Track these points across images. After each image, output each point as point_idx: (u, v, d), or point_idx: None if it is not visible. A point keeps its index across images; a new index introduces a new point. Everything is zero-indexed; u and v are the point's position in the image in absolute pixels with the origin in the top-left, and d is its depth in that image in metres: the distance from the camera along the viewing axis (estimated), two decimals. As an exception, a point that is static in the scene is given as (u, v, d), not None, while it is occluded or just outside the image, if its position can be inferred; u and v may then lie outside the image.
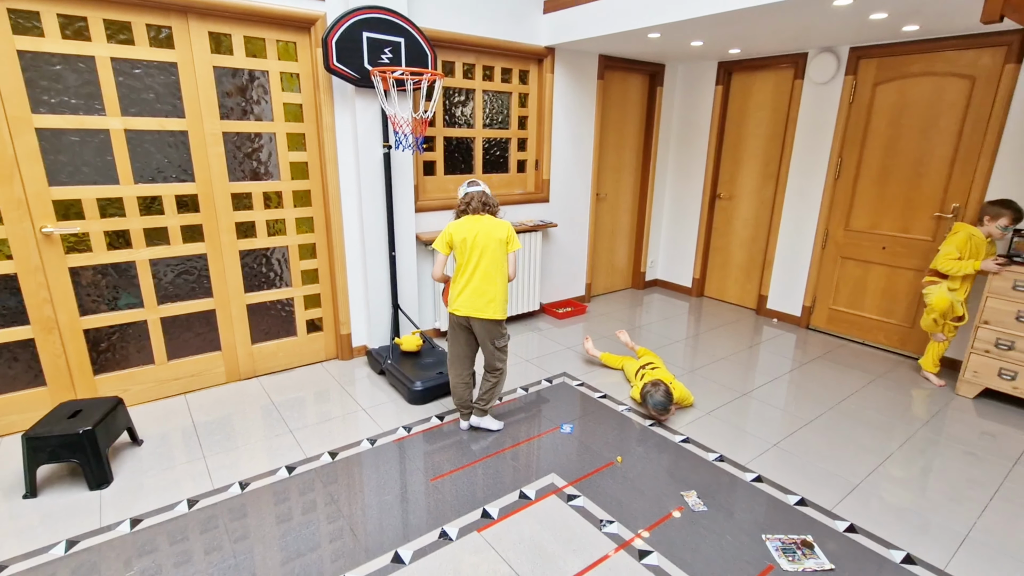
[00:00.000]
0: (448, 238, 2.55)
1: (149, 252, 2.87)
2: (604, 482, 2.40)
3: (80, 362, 2.79)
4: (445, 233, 2.57)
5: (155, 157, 2.81)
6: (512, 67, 4.08)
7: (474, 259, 2.51)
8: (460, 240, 2.52)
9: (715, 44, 3.92)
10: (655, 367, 3.17)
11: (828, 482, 2.44)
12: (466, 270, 2.54)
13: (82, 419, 2.31)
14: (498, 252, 2.53)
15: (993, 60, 3.26)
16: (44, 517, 2.12)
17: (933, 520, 2.21)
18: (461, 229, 2.53)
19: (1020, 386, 3.05)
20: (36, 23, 2.40)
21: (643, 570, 1.91)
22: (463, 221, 2.57)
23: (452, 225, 2.58)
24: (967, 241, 3.15)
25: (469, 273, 2.53)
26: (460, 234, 2.52)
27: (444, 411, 3.00)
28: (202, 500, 2.24)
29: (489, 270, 2.52)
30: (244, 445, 2.64)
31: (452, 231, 2.55)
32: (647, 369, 3.15)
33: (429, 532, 2.08)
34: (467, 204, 2.60)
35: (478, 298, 2.53)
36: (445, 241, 2.55)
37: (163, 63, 2.73)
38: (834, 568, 1.93)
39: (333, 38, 2.91)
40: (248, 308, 3.26)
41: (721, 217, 5.00)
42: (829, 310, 4.29)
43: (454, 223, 2.59)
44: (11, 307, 2.58)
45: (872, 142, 3.85)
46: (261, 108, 3.06)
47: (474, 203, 2.58)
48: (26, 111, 2.43)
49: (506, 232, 2.56)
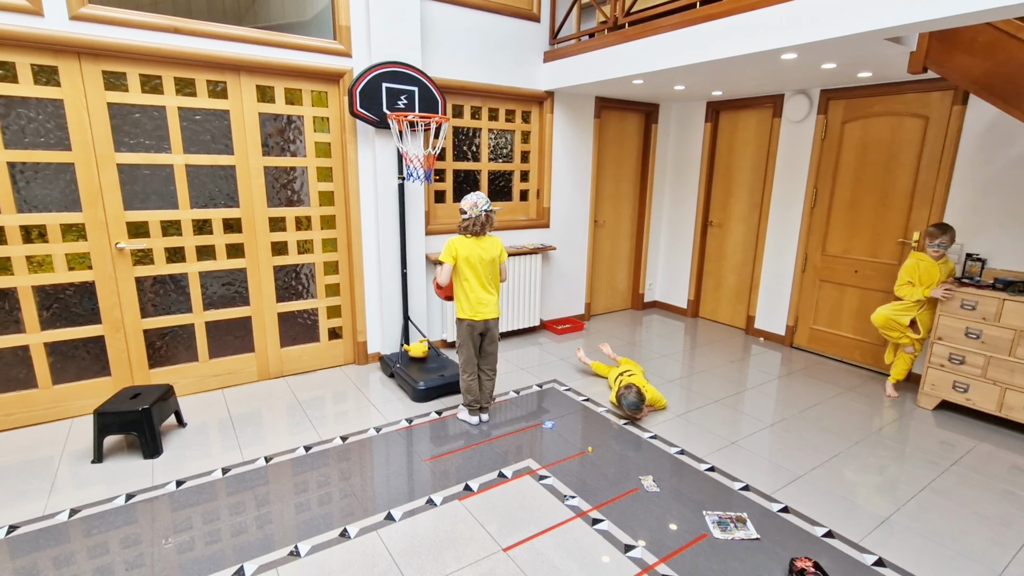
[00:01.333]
0: (455, 252, 2.95)
1: (199, 266, 3.42)
2: (573, 467, 2.76)
3: (139, 357, 3.33)
4: (452, 248, 2.95)
5: (208, 187, 3.38)
6: (515, 108, 4.60)
7: (478, 273, 2.97)
8: (464, 258, 2.95)
9: (697, 87, 4.37)
10: (632, 374, 3.53)
11: (774, 473, 2.74)
12: (472, 283, 2.99)
13: (141, 400, 2.81)
14: (494, 266, 3.04)
15: (942, 102, 3.61)
16: (108, 477, 2.61)
17: (861, 505, 2.49)
18: (464, 248, 2.94)
19: (972, 398, 3.29)
20: (123, 81, 3.02)
21: (594, 533, 2.26)
22: (465, 242, 2.95)
23: (457, 242, 2.95)
24: (916, 266, 3.45)
25: (474, 285, 2.99)
26: (464, 252, 2.94)
27: (443, 408, 3.41)
28: (234, 469, 2.69)
29: (489, 282, 3.03)
30: (270, 430, 3.10)
31: (459, 249, 2.94)
32: (624, 376, 3.51)
33: (418, 499, 2.48)
34: (471, 223, 2.93)
35: (489, 303, 3.03)
36: (452, 255, 2.95)
37: (218, 110, 3.32)
38: (759, 538, 2.25)
39: (358, 88, 3.47)
40: (279, 316, 3.77)
41: (713, 243, 5.36)
42: (810, 329, 4.57)
43: (458, 240, 2.96)
44: (88, 309, 3.14)
45: (843, 174, 4.20)
46: (296, 146, 3.63)
47: (476, 227, 2.94)
48: (110, 150, 3.03)
49: (499, 250, 3.04)
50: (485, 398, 3.23)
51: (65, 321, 3.09)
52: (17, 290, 2.93)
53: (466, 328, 3.06)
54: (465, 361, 3.13)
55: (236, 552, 2.11)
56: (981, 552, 2.21)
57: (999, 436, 3.18)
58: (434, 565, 2.07)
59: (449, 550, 2.15)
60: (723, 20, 3.05)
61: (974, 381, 3.27)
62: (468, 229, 2.96)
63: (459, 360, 3.17)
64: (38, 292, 2.99)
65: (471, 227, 2.95)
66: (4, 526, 2.24)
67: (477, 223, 2.95)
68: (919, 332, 3.53)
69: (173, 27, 3.02)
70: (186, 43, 3.08)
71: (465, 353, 3.12)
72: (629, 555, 2.13)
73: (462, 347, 3.11)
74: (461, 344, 3.11)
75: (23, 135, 2.83)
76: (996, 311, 3.14)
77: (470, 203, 2.94)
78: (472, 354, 3.12)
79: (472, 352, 3.11)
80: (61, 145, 2.92)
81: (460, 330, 3.09)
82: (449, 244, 2.97)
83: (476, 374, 3.17)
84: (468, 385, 3.16)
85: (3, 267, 2.88)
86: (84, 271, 3.09)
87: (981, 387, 3.25)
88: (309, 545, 2.15)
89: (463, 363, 3.15)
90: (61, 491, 2.48)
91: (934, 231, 3.40)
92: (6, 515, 2.31)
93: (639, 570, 2.06)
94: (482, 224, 2.95)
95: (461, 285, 3.02)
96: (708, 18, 3.12)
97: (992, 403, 3.21)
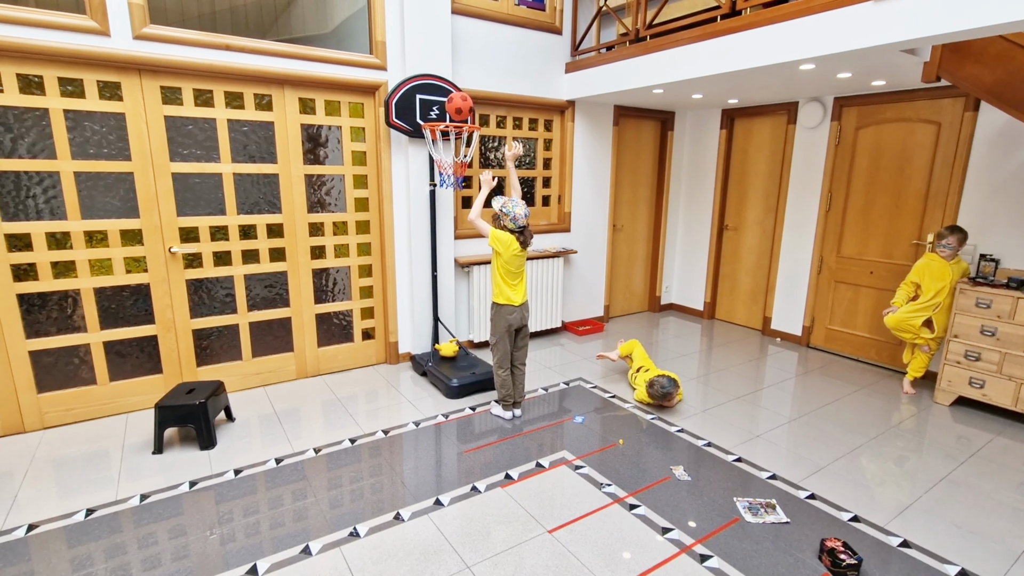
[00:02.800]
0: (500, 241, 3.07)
1: (244, 269, 3.60)
2: (607, 458, 2.90)
3: (188, 356, 3.50)
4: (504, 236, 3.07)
5: (252, 194, 3.56)
6: (538, 117, 4.78)
7: (512, 263, 3.12)
8: (506, 244, 3.07)
9: (714, 96, 4.53)
10: (647, 369, 3.67)
11: (799, 464, 2.87)
12: (514, 277, 3.16)
13: (197, 394, 2.98)
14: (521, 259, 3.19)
15: (954, 109, 3.75)
16: (170, 467, 2.77)
17: (883, 493, 2.62)
18: (512, 245, 3.09)
19: (988, 393, 3.41)
20: (179, 95, 3.21)
21: (632, 518, 2.40)
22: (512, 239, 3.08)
23: (504, 237, 3.07)
24: (927, 266, 3.60)
25: (510, 271, 3.14)
26: (511, 249, 3.09)
27: (476, 404, 3.56)
28: (286, 459, 2.85)
29: (523, 274, 3.22)
30: (314, 424, 3.26)
31: (508, 242, 3.07)
32: (641, 372, 3.66)
33: (462, 486, 2.62)
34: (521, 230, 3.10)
35: (523, 292, 3.20)
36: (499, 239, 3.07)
37: (263, 122, 3.51)
38: (789, 521, 2.38)
39: (393, 100, 3.65)
40: (316, 317, 3.94)
41: (728, 246, 5.50)
42: (826, 329, 4.69)
43: (504, 235, 3.08)
44: (143, 310, 3.32)
45: (857, 179, 4.34)
46: (334, 155, 3.81)
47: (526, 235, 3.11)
48: (166, 160, 3.22)
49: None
50: (519, 392, 3.37)
51: (122, 321, 3.27)
52: (80, 292, 3.12)
53: (504, 321, 3.17)
54: (502, 357, 3.26)
55: (299, 533, 2.26)
56: (1000, 535, 2.33)
57: (1015, 430, 3.30)
58: (485, 544, 2.21)
59: (497, 532, 2.29)
60: (743, 33, 3.21)
61: (990, 377, 3.39)
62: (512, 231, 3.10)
63: (494, 356, 3.29)
64: (98, 293, 3.17)
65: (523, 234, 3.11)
66: (82, 510, 2.40)
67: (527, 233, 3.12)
68: (934, 331, 3.65)
69: (225, 44, 3.22)
70: (236, 59, 3.27)
71: (502, 349, 3.24)
72: (667, 536, 2.27)
73: (499, 343, 3.23)
74: (498, 340, 3.23)
75: (88, 146, 3.02)
76: (1011, 309, 3.26)
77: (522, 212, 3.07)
78: (508, 349, 3.25)
79: (508, 347, 3.25)
80: (122, 156, 3.11)
81: (498, 322, 3.19)
82: (502, 233, 3.09)
83: (510, 369, 3.31)
84: (503, 380, 3.30)
85: (68, 269, 3.07)
86: (140, 274, 3.27)
87: (997, 383, 3.36)
88: (367, 527, 2.30)
89: (499, 359, 3.27)
90: (128, 479, 2.65)
91: (943, 232, 3.54)
92: (82, 500, 2.47)
93: (678, 550, 2.19)
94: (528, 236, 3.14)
95: (498, 270, 3.15)
96: (728, 31, 3.29)
97: (1008, 398, 3.33)
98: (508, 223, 3.08)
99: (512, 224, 3.08)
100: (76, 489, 2.56)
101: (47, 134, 2.91)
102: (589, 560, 2.13)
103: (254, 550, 2.16)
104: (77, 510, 2.40)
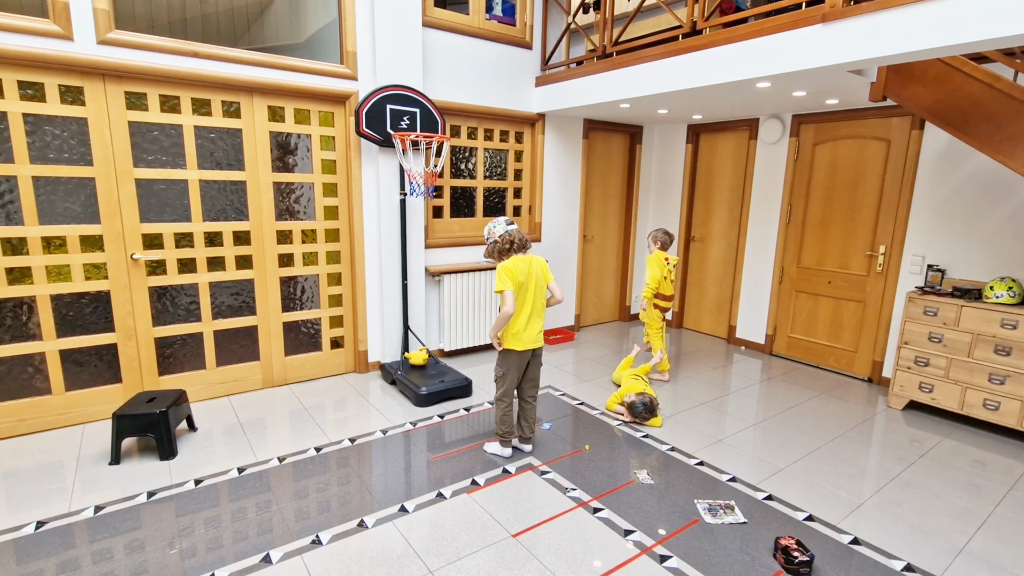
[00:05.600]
0: (512, 277, 2.71)
1: (209, 276, 3.55)
2: (572, 463, 2.94)
3: (149, 365, 3.43)
4: (507, 272, 2.71)
5: (219, 201, 3.53)
6: (509, 129, 4.86)
7: (530, 299, 2.79)
8: (519, 284, 2.74)
9: (679, 111, 4.68)
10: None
11: (759, 466, 2.96)
12: (525, 309, 2.78)
13: (158, 403, 2.92)
14: (543, 289, 2.86)
15: (902, 127, 3.96)
16: (127, 478, 2.70)
17: (837, 494, 2.71)
18: (519, 271, 2.73)
19: (937, 397, 3.56)
20: (144, 101, 3.18)
21: (595, 520, 2.44)
22: (517, 262, 2.75)
23: (510, 265, 2.72)
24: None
25: (528, 312, 2.79)
26: (520, 276, 2.74)
27: (445, 412, 3.56)
28: (249, 468, 2.81)
29: (540, 306, 2.85)
30: (280, 433, 3.21)
31: (514, 273, 2.71)
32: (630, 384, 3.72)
33: (429, 492, 2.62)
34: (511, 243, 2.78)
35: (536, 331, 2.85)
36: (510, 280, 2.70)
37: (232, 129, 3.49)
38: (747, 521, 2.45)
39: (363, 110, 3.68)
40: (284, 326, 3.90)
41: (695, 257, 5.64)
42: (788, 338, 4.84)
43: (511, 264, 2.73)
44: (102, 317, 3.25)
45: (814, 192, 4.53)
46: (304, 163, 3.81)
47: (517, 242, 2.79)
48: (129, 166, 3.18)
49: (545, 269, 2.88)
50: (529, 426, 3.04)
51: (80, 329, 3.19)
52: (36, 299, 3.03)
53: (516, 357, 2.87)
54: (507, 389, 2.92)
55: (260, 542, 2.23)
56: (946, 532, 2.44)
57: (961, 432, 3.45)
58: (449, 549, 2.22)
59: (461, 537, 2.30)
60: (703, 52, 3.34)
61: (938, 382, 3.55)
62: (510, 250, 2.79)
63: (497, 388, 2.94)
64: (55, 300, 3.09)
65: (514, 243, 2.79)
66: (32, 522, 2.32)
67: (518, 239, 2.80)
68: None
69: (192, 51, 3.21)
70: (204, 66, 3.26)
71: (508, 381, 2.90)
72: (629, 539, 2.31)
73: (506, 375, 2.89)
74: (505, 372, 2.89)
75: (48, 151, 2.97)
76: (955, 316, 3.43)
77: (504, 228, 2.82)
78: (515, 382, 2.93)
79: (515, 380, 2.92)
80: (83, 161, 3.06)
81: (508, 358, 2.87)
82: (502, 270, 2.73)
83: (512, 403, 2.98)
84: (504, 414, 2.93)
85: (24, 276, 2.99)
86: (100, 280, 3.20)
87: (945, 387, 3.52)
88: (330, 535, 2.29)
89: (503, 391, 2.92)
90: (82, 490, 2.58)
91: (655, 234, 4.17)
92: (32, 513, 2.39)
93: (639, 551, 2.23)
94: (523, 241, 2.81)
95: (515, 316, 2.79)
96: (690, 49, 3.42)
97: (955, 402, 3.48)
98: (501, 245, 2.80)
99: (502, 244, 2.79)
100: (26, 501, 2.48)
101: (5, 137, 2.85)
102: (552, 563, 2.16)
103: (213, 561, 2.12)
104: (27, 523, 2.32)
